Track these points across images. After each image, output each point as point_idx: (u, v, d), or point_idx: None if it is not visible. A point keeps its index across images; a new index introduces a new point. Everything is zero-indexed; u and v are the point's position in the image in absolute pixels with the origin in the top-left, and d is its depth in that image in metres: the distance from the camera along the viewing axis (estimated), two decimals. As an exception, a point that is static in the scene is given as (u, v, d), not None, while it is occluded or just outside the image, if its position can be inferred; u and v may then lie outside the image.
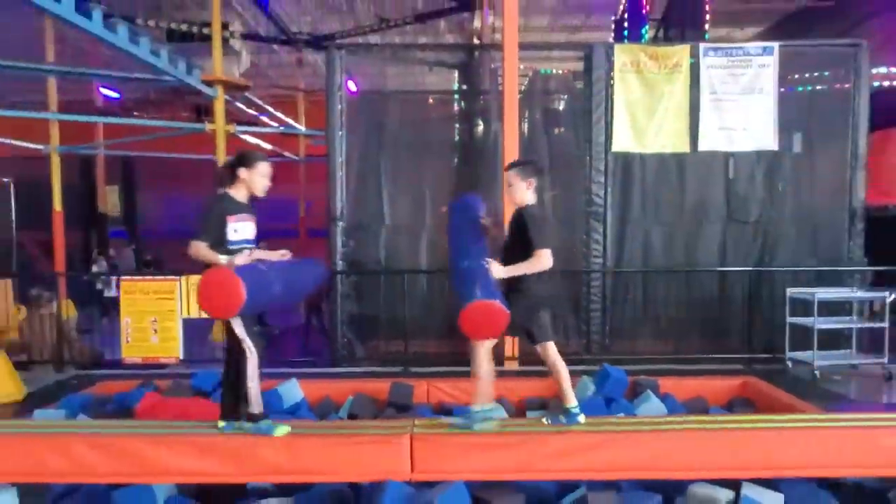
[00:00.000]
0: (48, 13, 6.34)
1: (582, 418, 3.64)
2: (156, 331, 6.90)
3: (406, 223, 7.97)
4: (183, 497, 3.68)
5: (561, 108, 8.53)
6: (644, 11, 10.59)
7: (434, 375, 5.80)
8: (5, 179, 12.31)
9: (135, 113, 16.50)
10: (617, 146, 7.34)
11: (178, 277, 7.08)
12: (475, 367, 3.60)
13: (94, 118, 13.95)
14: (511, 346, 6.75)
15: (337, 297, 7.46)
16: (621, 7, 11.56)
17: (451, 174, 8.35)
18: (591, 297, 7.35)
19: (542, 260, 3.42)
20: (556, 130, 8.24)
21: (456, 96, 9.14)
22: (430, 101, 9.61)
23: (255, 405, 3.46)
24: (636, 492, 3.53)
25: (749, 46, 7.50)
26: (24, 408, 5.59)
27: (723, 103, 7.24)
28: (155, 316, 6.90)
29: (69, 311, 10.25)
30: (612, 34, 12.11)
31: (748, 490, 3.39)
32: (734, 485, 3.42)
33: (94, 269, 13.30)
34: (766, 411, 4.77)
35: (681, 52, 7.25)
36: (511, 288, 3.53)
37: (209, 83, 10.25)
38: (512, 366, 6.75)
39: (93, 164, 16.37)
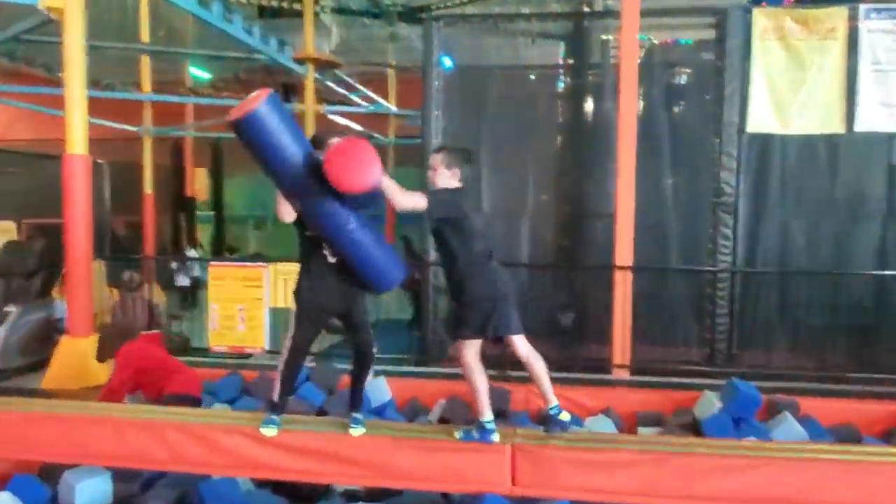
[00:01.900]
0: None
1: (496, 437, 3.46)
2: (243, 319, 7.25)
3: (505, 210, 7.90)
4: (262, 491, 3.87)
5: (684, 83, 8.17)
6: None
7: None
8: (101, 161, 13.32)
9: (224, 93, 17.38)
10: (753, 126, 6.92)
11: (266, 265, 7.41)
12: (465, 376, 3.57)
13: (185, 99, 14.85)
14: (620, 352, 6.58)
15: (429, 290, 7.53)
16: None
17: (554, 157, 8.21)
18: (717, 300, 7.00)
19: (414, 198, 3.36)
20: (678, 109, 7.90)
21: (561, 71, 8.98)
22: (533, 76, 9.48)
23: (280, 394, 3.57)
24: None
25: (924, 6, 6.86)
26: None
27: (888, 75, 6.64)
28: (242, 304, 7.24)
29: (159, 296, 11.00)
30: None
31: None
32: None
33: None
34: (935, 445, 4.37)
35: (836, 14, 6.71)
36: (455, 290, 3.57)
37: (300, 61, 10.68)
38: (622, 374, 6.57)
39: (182, 146, 17.45)
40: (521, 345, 3.64)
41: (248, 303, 7.23)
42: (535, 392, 5.31)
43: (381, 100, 15.40)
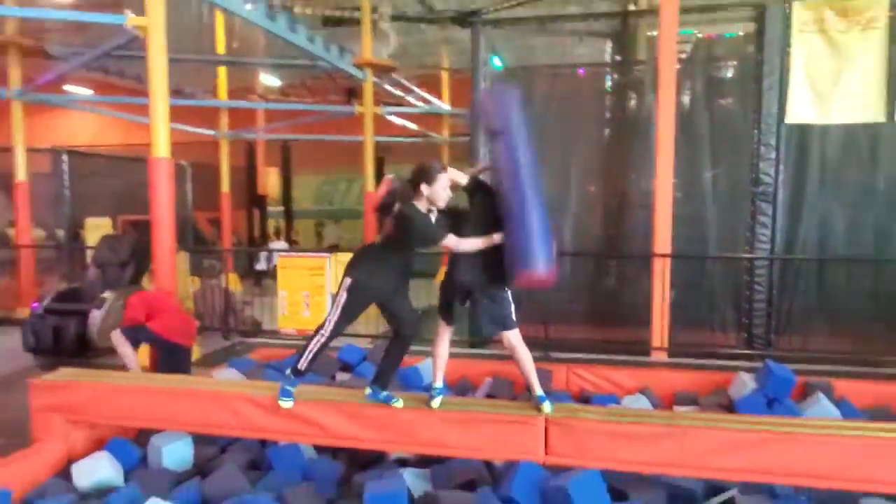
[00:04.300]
0: (219, 7, 7.12)
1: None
2: (307, 304, 7.55)
3: (552, 203, 7.92)
4: (323, 457, 4.07)
5: (726, 76, 7.98)
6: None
7: (575, 362, 5.79)
8: (183, 163, 13.97)
9: (292, 98, 17.88)
10: (792, 116, 6.73)
11: (328, 255, 7.69)
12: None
13: (256, 105, 15.36)
14: (659, 335, 6.56)
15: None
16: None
17: (600, 151, 8.15)
18: (755, 286, 6.87)
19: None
20: (722, 101, 7.72)
21: (608, 68, 8.89)
22: (580, 73, 9.41)
23: (306, 363, 3.68)
24: (794, 499, 3.32)
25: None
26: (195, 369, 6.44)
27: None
28: (307, 290, 7.54)
29: (235, 284, 11.51)
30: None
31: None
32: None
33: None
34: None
35: (878, 3, 6.44)
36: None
37: (359, 66, 10.90)
38: (660, 356, 6.55)
39: (255, 147, 18.04)
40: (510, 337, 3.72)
41: (312, 289, 7.51)
42: (575, 372, 5.45)
43: (435, 100, 15.52)
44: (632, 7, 12.38)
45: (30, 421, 4.19)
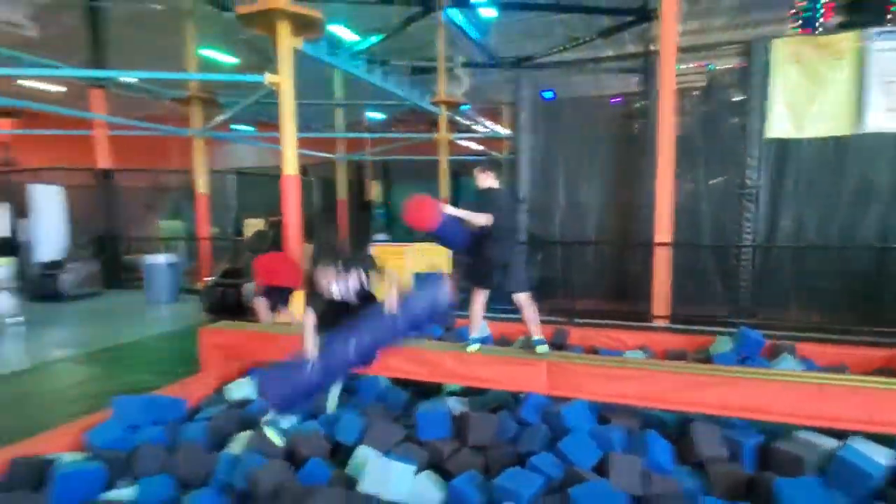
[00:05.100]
0: (333, 66, 7.61)
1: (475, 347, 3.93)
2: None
3: (578, 202, 7.90)
4: (395, 386, 4.27)
5: (726, 100, 7.64)
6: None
7: (591, 325, 5.83)
8: (312, 178, 14.85)
9: (392, 129, 18.45)
10: (771, 133, 6.40)
11: (408, 244, 8.05)
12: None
13: (364, 135, 16.00)
14: (658, 306, 6.46)
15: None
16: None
17: (615, 164, 8.01)
18: (741, 269, 6.61)
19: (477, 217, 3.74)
20: (723, 123, 7.41)
21: (627, 97, 8.68)
22: (607, 103, 9.25)
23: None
24: (740, 429, 3.32)
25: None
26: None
27: (892, 86, 5.85)
28: (394, 269, 7.93)
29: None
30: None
31: (856, 442, 2.99)
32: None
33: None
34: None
35: (848, 38, 6.02)
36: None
37: (436, 104, 11.19)
38: (660, 323, 6.46)
39: (363, 165, 18.77)
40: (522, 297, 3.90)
41: (397, 270, 7.90)
42: (589, 332, 5.48)
43: (497, 127, 15.59)
44: (652, 48, 12.01)
45: (200, 355, 4.71)
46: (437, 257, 7.51)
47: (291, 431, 3.41)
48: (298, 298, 5.79)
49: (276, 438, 3.23)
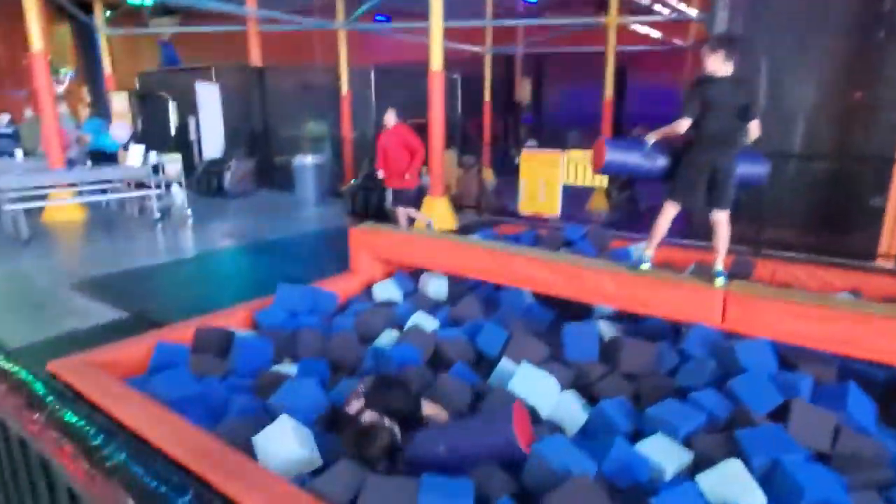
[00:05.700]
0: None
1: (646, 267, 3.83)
2: (543, 192, 7.93)
3: (785, 105, 6.93)
4: (539, 304, 4.39)
5: None
6: None
7: (788, 260, 5.27)
8: (455, 76, 14.82)
9: (546, 13, 17.38)
10: None
11: (563, 151, 7.89)
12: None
13: (516, 21, 15.30)
14: (887, 243, 5.63)
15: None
16: None
17: (841, 54, 6.75)
18: None
19: (678, 123, 3.50)
20: None
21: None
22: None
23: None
24: None
25: None
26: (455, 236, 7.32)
27: None
28: (544, 179, 7.89)
29: (489, 175, 12.32)
30: None
31: None
32: None
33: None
34: None
35: None
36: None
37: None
38: (885, 264, 5.66)
39: (514, 61, 18.17)
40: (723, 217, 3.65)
41: (547, 179, 7.84)
42: (782, 268, 5.00)
43: (682, 6, 13.85)
44: None
45: (349, 255, 5.22)
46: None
47: (440, 335, 3.75)
48: (429, 203, 6.12)
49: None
